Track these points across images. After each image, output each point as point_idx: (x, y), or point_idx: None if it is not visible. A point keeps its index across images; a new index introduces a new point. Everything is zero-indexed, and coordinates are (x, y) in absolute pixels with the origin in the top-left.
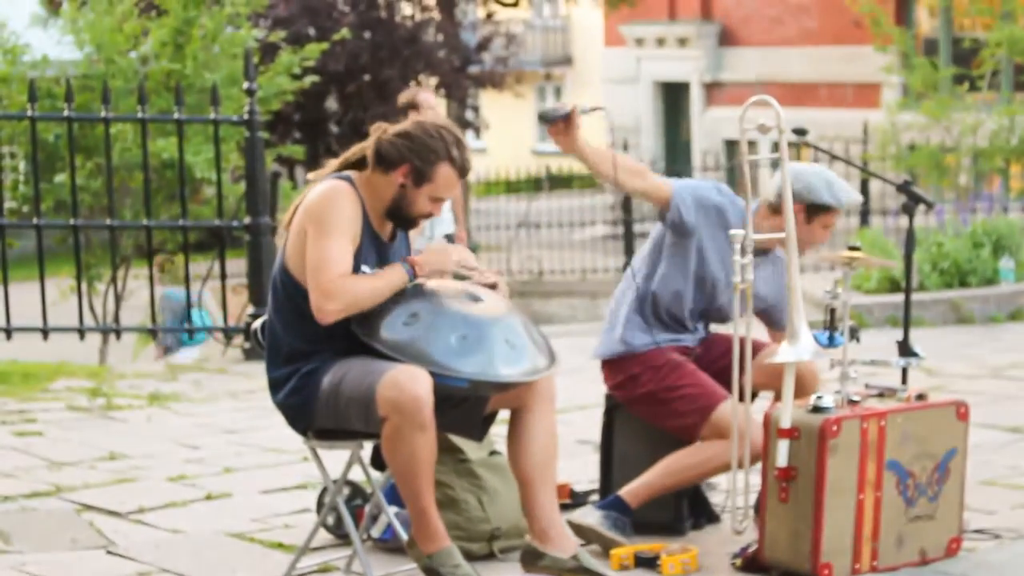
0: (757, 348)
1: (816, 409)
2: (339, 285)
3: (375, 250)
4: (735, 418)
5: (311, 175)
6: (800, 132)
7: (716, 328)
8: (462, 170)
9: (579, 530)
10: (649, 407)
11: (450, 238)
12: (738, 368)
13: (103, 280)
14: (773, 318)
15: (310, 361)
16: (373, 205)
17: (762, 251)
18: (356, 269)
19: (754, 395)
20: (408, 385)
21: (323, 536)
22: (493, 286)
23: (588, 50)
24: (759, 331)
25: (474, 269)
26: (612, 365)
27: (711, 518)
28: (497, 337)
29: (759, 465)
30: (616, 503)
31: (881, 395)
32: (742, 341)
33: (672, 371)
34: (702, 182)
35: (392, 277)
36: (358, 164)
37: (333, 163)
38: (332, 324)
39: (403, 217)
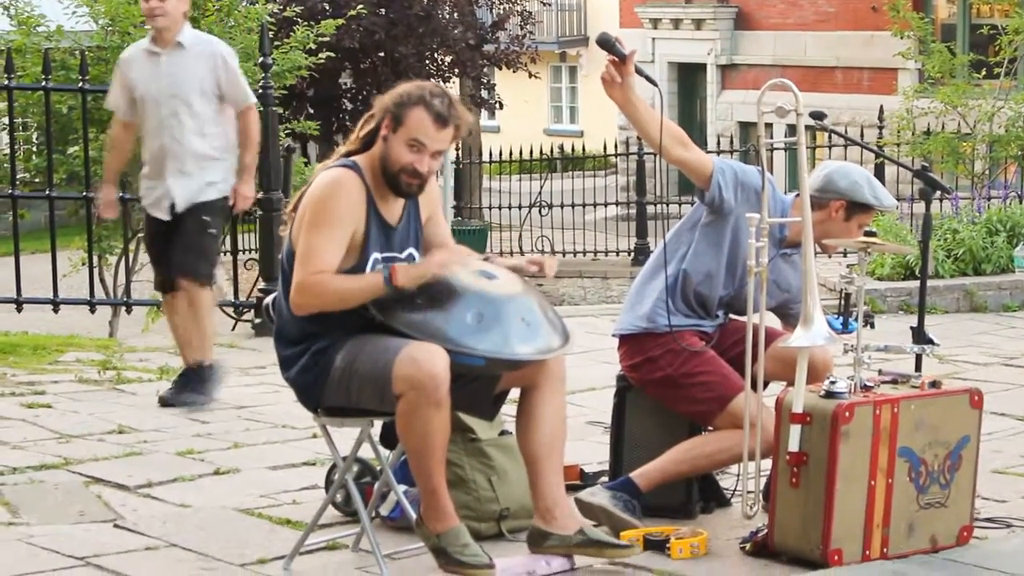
0: (771, 336)
1: (829, 395)
2: (314, 281)
3: (383, 235)
4: (747, 406)
5: (320, 166)
6: (818, 116)
7: (732, 315)
8: (438, 116)
9: (589, 509)
10: (665, 391)
11: None
12: (751, 356)
13: (114, 253)
14: (793, 312)
15: (322, 339)
16: (378, 186)
17: (797, 244)
18: (368, 257)
19: (766, 383)
20: (425, 362)
21: (331, 513)
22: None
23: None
24: (773, 320)
25: (457, 264)
26: (631, 344)
27: (721, 502)
28: (513, 315)
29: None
30: (627, 485)
31: (895, 381)
32: (755, 329)
33: (692, 356)
34: (746, 165)
35: (368, 283)
36: (372, 141)
37: (349, 141)
38: None
39: (392, 176)
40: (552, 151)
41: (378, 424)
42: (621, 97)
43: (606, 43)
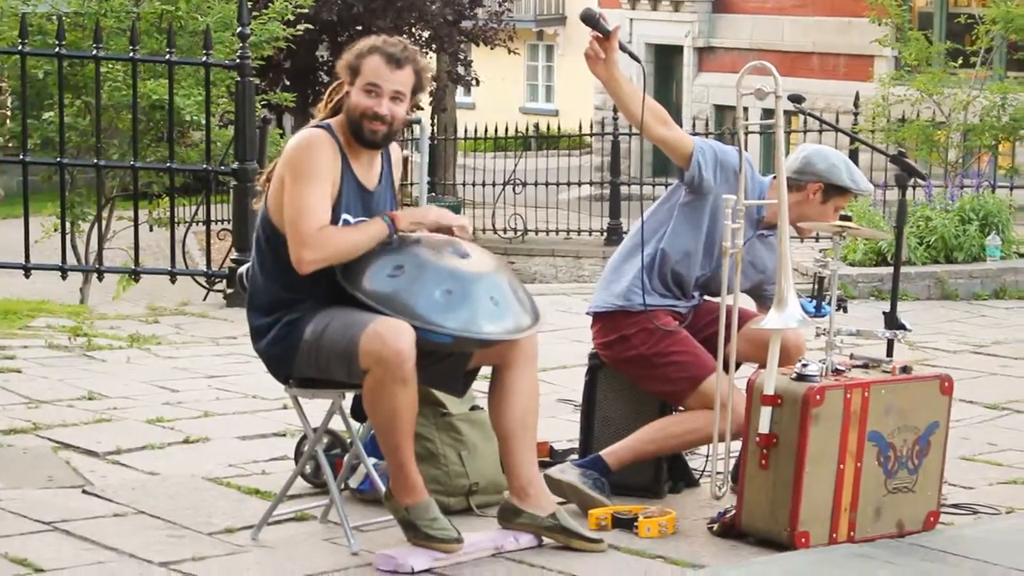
0: (744, 318)
1: (800, 377)
2: (318, 236)
3: (359, 198)
4: (718, 387)
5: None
6: (796, 99)
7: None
8: (390, 57)
9: (558, 486)
10: (637, 370)
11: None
12: (724, 337)
13: (87, 220)
14: (767, 293)
15: (293, 310)
16: (351, 147)
17: (774, 225)
18: (338, 217)
19: (738, 364)
20: (391, 338)
21: (300, 484)
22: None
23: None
24: (747, 301)
25: (451, 226)
26: (605, 322)
27: (690, 482)
28: (482, 294)
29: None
30: (596, 463)
31: (866, 366)
32: (729, 310)
33: (665, 336)
34: (725, 145)
35: (372, 230)
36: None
37: (319, 110)
38: (315, 273)
39: (356, 126)
40: (527, 129)
41: (349, 396)
42: (605, 73)
43: (590, 19)
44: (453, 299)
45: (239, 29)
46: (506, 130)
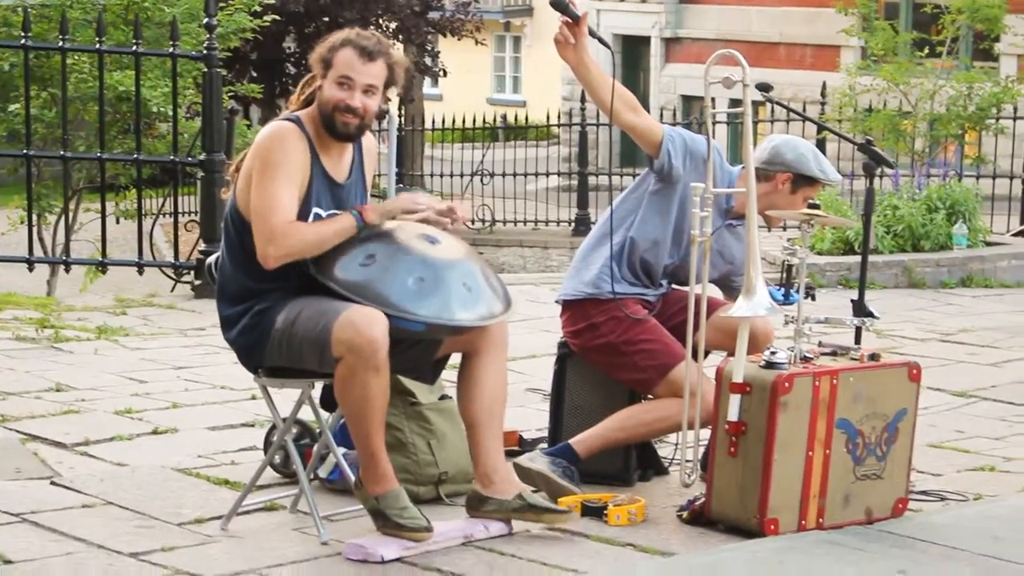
0: (713, 306)
1: (769, 365)
2: (284, 231)
3: (328, 191)
4: (687, 375)
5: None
6: (764, 88)
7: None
8: (363, 50)
9: (527, 475)
10: (606, 358)
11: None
12: (693, 325)
13: (54, 212)
14: (735, 284)
15: (263, 299)
16: (321, 140)
17: (743, 215)
18: (308, 211)
19: (707, 352)
20: (364, 327)
21: (270, 474)
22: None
23: None
24: (715, 291)
25: (423, 210)
26: (574, 310)
27: (659, 470)
28: (454, 280)
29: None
30: (565, 451)
31: (834, 354)
32: (697, 298)
33: (634, 324)
34: (695, 134)
35: (340, 224)
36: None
37: (291, 103)
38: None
39: (328, 119)
40: (495, 120)
41: (318, 386)
42: (574, 58)
43: (559, 4)
44: (426, 286)
45: (206, 20)
46: (473, 121)
